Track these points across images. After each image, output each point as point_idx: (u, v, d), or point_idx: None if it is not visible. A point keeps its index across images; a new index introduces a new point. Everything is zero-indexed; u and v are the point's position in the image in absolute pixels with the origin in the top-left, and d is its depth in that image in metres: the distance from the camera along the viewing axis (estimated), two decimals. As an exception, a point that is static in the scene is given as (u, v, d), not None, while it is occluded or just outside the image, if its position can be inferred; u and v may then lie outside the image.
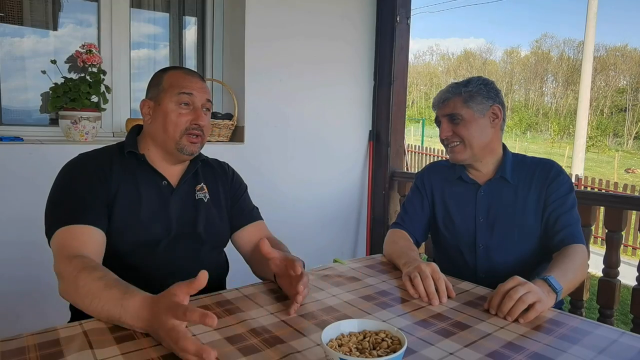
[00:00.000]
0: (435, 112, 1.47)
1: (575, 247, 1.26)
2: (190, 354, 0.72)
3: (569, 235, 1.29)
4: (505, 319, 0.97)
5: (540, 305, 0.98)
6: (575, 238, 1.29)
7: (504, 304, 0.98)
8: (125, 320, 0.84)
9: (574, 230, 1.31)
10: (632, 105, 32.87)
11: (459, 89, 1.40)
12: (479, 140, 1.38)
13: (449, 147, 1.43)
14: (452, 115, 1.39)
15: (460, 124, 1.38)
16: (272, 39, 2.53)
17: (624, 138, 31.22)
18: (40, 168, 1.87)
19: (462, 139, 1.38)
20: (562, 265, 1.17)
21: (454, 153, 1.41)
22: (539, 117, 38.02)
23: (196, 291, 0.78)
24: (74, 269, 0.93)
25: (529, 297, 0.98)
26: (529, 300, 0.97)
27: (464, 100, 1.38)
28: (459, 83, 1.42)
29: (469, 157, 1.41)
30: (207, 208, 1.26)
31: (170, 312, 0.76)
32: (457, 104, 1.38)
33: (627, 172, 18.07)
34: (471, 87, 1.39)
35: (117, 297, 0.85)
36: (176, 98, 1.18)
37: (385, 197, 2.96)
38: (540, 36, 59.84)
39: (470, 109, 1.37)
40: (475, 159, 1.42)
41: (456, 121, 1.39)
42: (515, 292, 0.98)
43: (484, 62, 44.99)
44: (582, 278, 1.23)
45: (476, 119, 1.38)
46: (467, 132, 1.37)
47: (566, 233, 1.29)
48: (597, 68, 32.82)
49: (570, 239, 1.28)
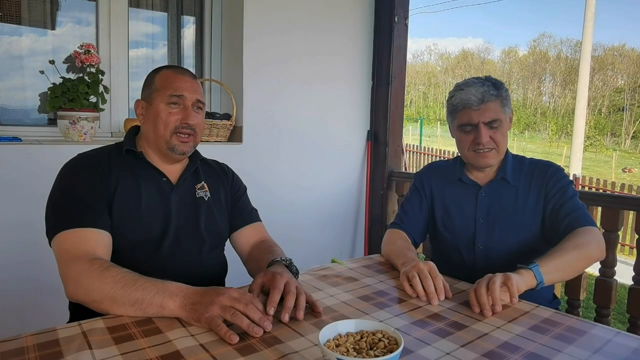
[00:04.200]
0: (461, 111, 1.37)
1: (583, 230, 1.23)
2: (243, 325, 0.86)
3: (575, 219, 1.27)
4: (493, 310, 1.00)
5: (512, 280, 1.03)
6: (580, 221, 1.26)
7: (478, 296, 1.01)
8: (162, 297, 0.91)
9: (581, 214, 1.28)
10: (629, 104, 32.94)
11: (495, 91, 1.34)
12: (505, 145, 1.40)
13: (481, 152, 1.37)
14: (494, 120, 1.35)
15: (498, 130, 1.36)
16: (270, 39, 2.53)
17: (622, 137, 31.28)
18: (39, 168, 1.87)
19: (497, 144, 1.36)
20: (558, 246, 1.19)
21: (487, 158, 1.37)
22: (537, 116, 38.06)
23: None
24: (99, 266, 0.96)
25: (495, 279, 1.02)
26: (497, 282, 1.02)
27: (502, 104, 1.36)
28: (488, 83, 1.35)
29: (497, 162, 1.41)
30: (208, 207, 1.27)
31: (236, 292, 0.91)
32: (497, 109, 1.34)
33: (624, 172, 18.13)
34: (502, 91, 1.36)
35: (157, 280, 0.94)
36: (167, 99, 1.18)
37: (383, 197, 2.97)
38: (538, 36, 59.87)
39: (505, 114, 1.37)
40: (498, 163, 1.43)
41: (495, 126, 1.35)
42: (480, 283, 1.04)
43: (482, 62, 44.99)
44: (591, 254, 1.20)
45: (507, 124, 1.39)
46: (502, 137, 1.37)
47: (570, 219, 1.28)
48: (595, 68, 32.86)
49: (577, 222, 1.26)
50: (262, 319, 0.88)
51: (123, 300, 0.91)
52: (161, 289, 0.92)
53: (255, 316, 0.88)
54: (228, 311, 0.87)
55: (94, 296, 0.94)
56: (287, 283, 0.98)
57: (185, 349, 0.80)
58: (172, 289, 0.93)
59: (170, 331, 0.87)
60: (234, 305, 0.88)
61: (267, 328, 0.87)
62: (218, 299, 0.88)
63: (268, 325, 0.88)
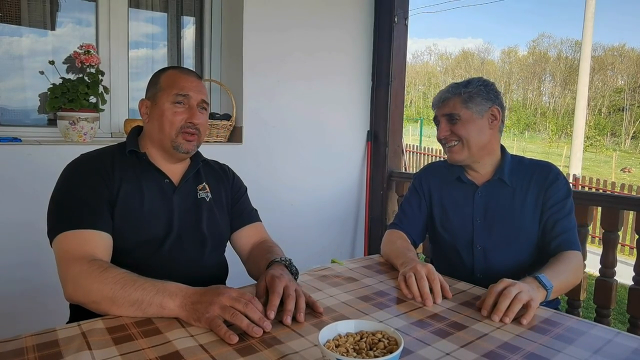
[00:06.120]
0: (434, 111, 1.47)
1: (571, 254, 1.27)
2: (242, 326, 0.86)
3: (565, 241, 1.30)
4: (502, 320, 0.97)
5: (534, 302, 1.00)
6: (572, 244, 1.30)
7: (500, 303, 0.98)
8: (162, 297, 0.91)
9: (571, 236, 1.32)
10: (629, 104, 32.95)
11: (458, 89, 1.40)
12: (476, 140, 1.39)
13: (447, 147, 1.43)
14: (451, 115, 1.39)
15: (458, 124, 1.38)
16: (270, 40, 2.53)
17: (622, 137, 31.30)
18: (38, 169, 1.87)
19: (460, 138, 1.39)
20: (555, 267, 1.19)
21: (452, 153, 1.42)
22: (537, 116, 38.08)
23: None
24: (99, 267, 0.96)
25: (522, 296, 0.99)
26: (523, 298, 0.98)
27: (463, 100, 1.38)
28: (459, 83, 1.42)
29: (467, 157, 1.41)
30: (209, 207, 1.27)
31: (235, 292, 0.91)
32: (457, 104, 1.39)
33: (623, 172, 18.14)
34: (471, 87, 1.39)
35: (156, 281, 0.95)
36: (172, 98, 1.19)
37: (383, 197, 2.97)
38: (537, 36, 59.89)
39: (469, 110, 1.38)
40: (472, 159, 1.42)
41: (454, 121, 1.39)
42: (508, 292, 0.99)
43: (482, 62, 45.01)
44: (575, 281, 1.24)
45: (474, 120, 1.38)
46: (465, 131, 1.38)
47: (563, 239, 1.31)
48: (595, 68, 32.88)
49: (567, 245, 1.30)
50: (262, 319, 0.88)
51: (122, 300, 0.91)
52: (161, 289, 0.92)
53: (254, 316, 0.88)
54: (228, 311, 0.87)
55: (93, 297, 0.94)
56: (286, 287, 0.98)
57: (185, 350, 0.80)
58: (171, 289, 0.93)
59: (170, 332, 0.87)
60: (234, 305, 0.88)
61: (267, 328, 0.87)
62: (218, 299, 0.88)
63: (268, 326, 0.88)
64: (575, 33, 48.75)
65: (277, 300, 0.95)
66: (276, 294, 0.96)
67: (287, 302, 0.95)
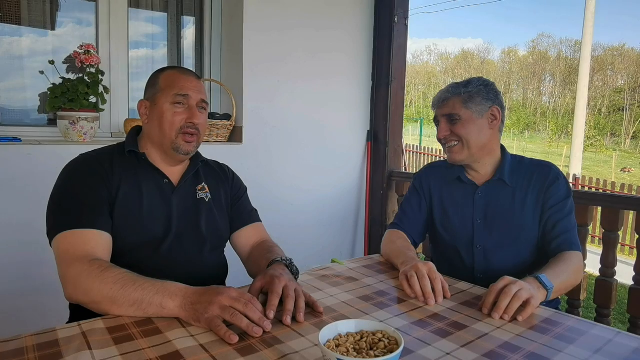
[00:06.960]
0: (434, 111, 1.47)
1: (572, 254, 1.28)
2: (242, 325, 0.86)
3: (566, 242, 1.31)
4: (502, 318, 0.98)
5: (535, 300, 1.00)
6: (572, 245, 1.30)
7: (500, 301, 0.99)
8: (162, 297, 0.91)
9: (571, 236, 1.32)
10: (629, 104, 32.95)
11: (458, 89, 1.40)
12: (476, 140, 1.39)
13: (446, 147, 1.43)
14: (451, 115, 1.39)
15: (458, 124, 1.38)
16: (270, 40, 2.53)
17: (622, 137, 31.30)
18: (38, 169, 1.87)
19: (460, 138, 1.39)
20: (556, 267, 1.20)
21: (452, 153, 1.42)
22: (537, 116, 38.06)
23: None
24: (99, 266, 0.96)
25: (522, 293, 0.99)
26: (523, 296, 0.99)
27: (463, 100, 1.38)
28: (459, 83, 1.42)
29: (467, 157, 1.41)
30: (208, 208, 1.27)
31: (235, 292, 0.91)
32: (456, 104, 1.39)
33: (622, 172, 18.14)
34: (471, 87, 1.39)
35: (156, 280, 0.94)
36: (172, 98, 1.19)
37: (383, 197, 2.97)
38: (537, 36, 59.89)
39: (468, 110, 1.38)
40: (472, 159, 1.42)
41: (454, 121, 1.39)
42: (509, 290, 1.00)
43: (482, 62, 45.01)
44: (575, 282, 1.24)
45: (474, 120, 1.38)
46: (464, 131, 1.38)
47: (563, 239, 1.31)
48: (595, 68, 32.87)
49: (567, 245, 1.30)
50: (262, 319, 0.88)
51: (122, 300, 0.91)
52: (161, 289, 0.92)
53: (254, 316, 0.88)
54: (227, 311, 0.87)
55: (93, 297, 0.94)
56: (285, 287, 0.98)
57: (185, 349, 0.80)
58: (171, 289, 0.93)
59: (170, 331, 0.87)
60: (234, 305, 0.88)
61: (267, 328, 0.87)
62: (217, 299, 0.88)
63: (268, 325, 0.88)
64: (575, 33, 48.77)
65: (276, 300, 0.95)
66: (275, 294, 0.96)
67: (287, 302, 0.95)
